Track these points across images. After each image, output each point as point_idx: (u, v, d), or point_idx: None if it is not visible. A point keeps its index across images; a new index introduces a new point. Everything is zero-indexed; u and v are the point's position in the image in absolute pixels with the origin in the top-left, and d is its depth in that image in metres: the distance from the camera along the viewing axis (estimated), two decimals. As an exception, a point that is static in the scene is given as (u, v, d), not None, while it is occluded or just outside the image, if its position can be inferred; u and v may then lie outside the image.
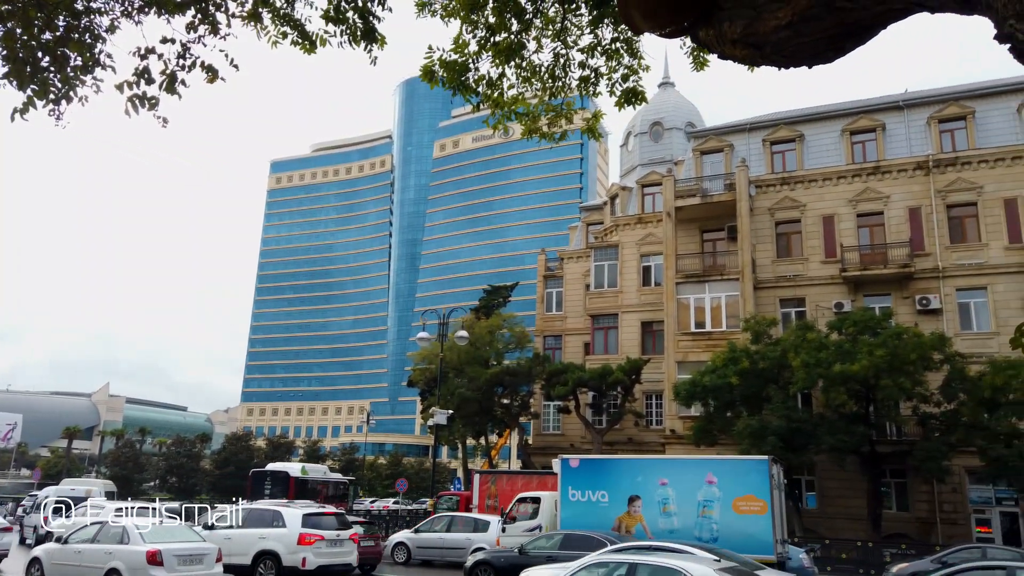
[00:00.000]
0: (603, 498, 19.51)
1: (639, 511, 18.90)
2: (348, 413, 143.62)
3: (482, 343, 42.96)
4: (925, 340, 23.76)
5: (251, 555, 17.18)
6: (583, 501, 19.76)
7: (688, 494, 18.42)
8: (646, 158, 42.64)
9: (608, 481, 19.72)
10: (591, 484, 19.88)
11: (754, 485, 17.74)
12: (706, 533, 17.70)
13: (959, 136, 31.11)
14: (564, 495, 20.22)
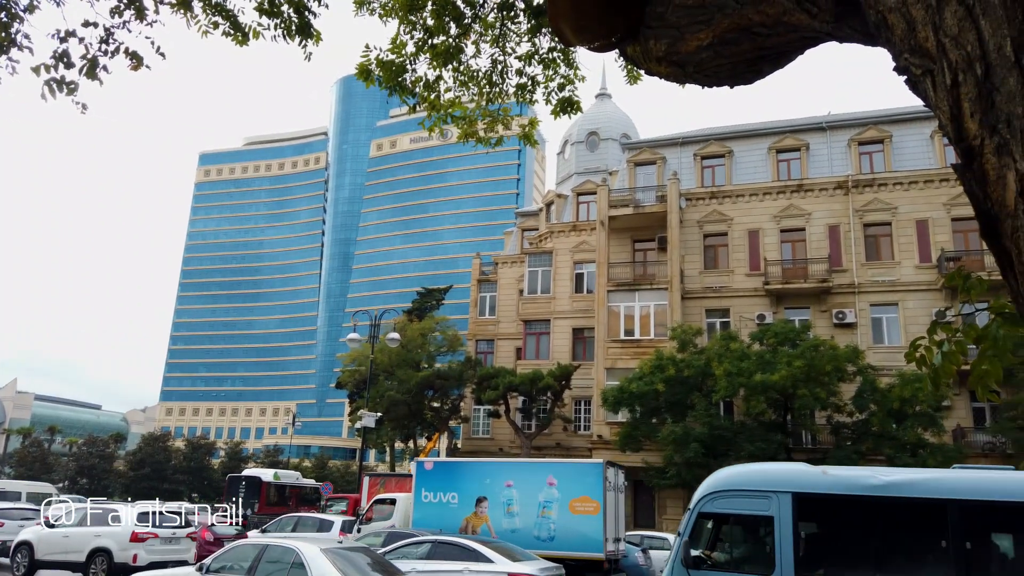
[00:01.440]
0: (453, 499, 20.06)
1: (485, 512, 19.55)
2: (273, 414, 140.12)
3: (414, 346, 42.64)
4: (840, 352, 24.84)
5: (86, 552, 17.67)
6: (435, 502, 20.31)
7: (531, 495, 19.08)
8: (582, 167, 43.22)
9: (459, 483, 20.31)
10: (443, 486, 20.46)
11: (589, 487, 18.44)
12: (544, 532, 18.44)
13: (877, 158, 32.71)
14: (418, 497, 20.78)
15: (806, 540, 8.63)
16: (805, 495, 8.58)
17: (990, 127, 1.07)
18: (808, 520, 8.64)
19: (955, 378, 2.65)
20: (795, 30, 1.66)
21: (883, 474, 8.64)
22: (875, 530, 8.23)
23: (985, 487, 8.09)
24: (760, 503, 8.66)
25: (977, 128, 1.11)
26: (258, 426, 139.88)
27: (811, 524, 8.77)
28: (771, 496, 8.62)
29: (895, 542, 8.25)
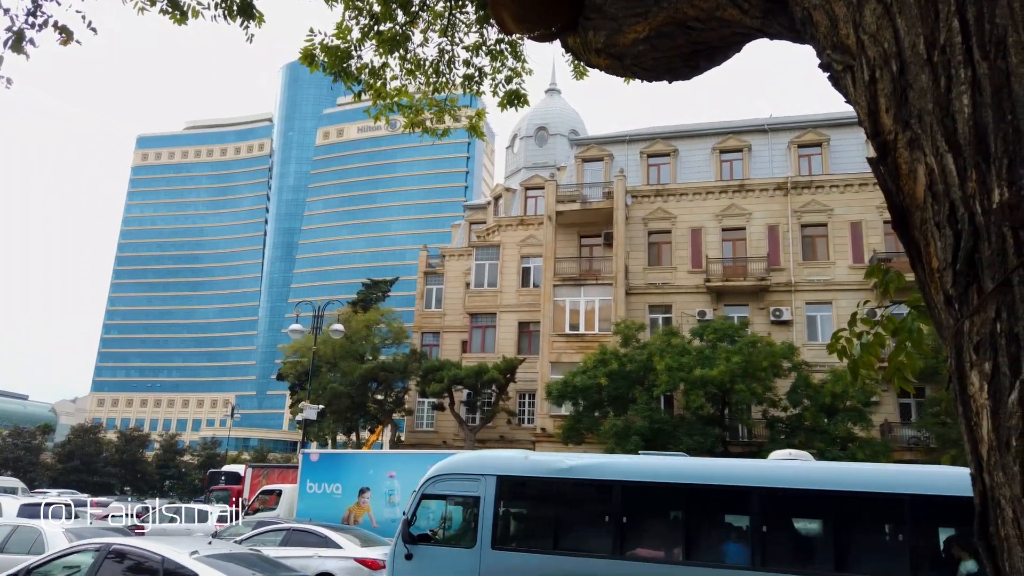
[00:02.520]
0: (337, 490, 20.36)
1: (367, 502, 19.99)
2: (211, 406, 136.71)
3: (358, 338, 42.14)
4: (776, 349, 25.57)
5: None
6: (319, 493, 20.55)
7: (412, 486, 19.58)
8: (531, 161, 43.32)
9: (343, 474, 20.60)
10: (328, 477, 20.71)
11: None
12: None
13: (815, 161, 33.71)
14: (303, 487, 20.97)
15: (505, 517, 9.63)
16: (507, 477, 9.62)
17: (903, 122, 1.11)
18: (509, 499, 9.66)
19: (878, 373, 2.77)
20: (728, 25, 1.69)
21: (569, 459, 9.89)
22: (559, 507, 9.42)
23: (645, 470, 9.59)
24: (471, 485, 9.69)
25: (892, 123, 1.15)
26: (195, 418, 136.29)
27: (511, 503, 9.78)
28: (480, 479, 9.66)
29: (573, 518, 9.45)
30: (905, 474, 9.24)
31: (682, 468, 9.69)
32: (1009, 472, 0.89)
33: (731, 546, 8.83)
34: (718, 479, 9.17)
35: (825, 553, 8.37)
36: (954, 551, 7.98)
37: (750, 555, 8.39)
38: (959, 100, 0.99)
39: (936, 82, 1.03)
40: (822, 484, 8.76)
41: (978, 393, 0.94)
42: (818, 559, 8.41)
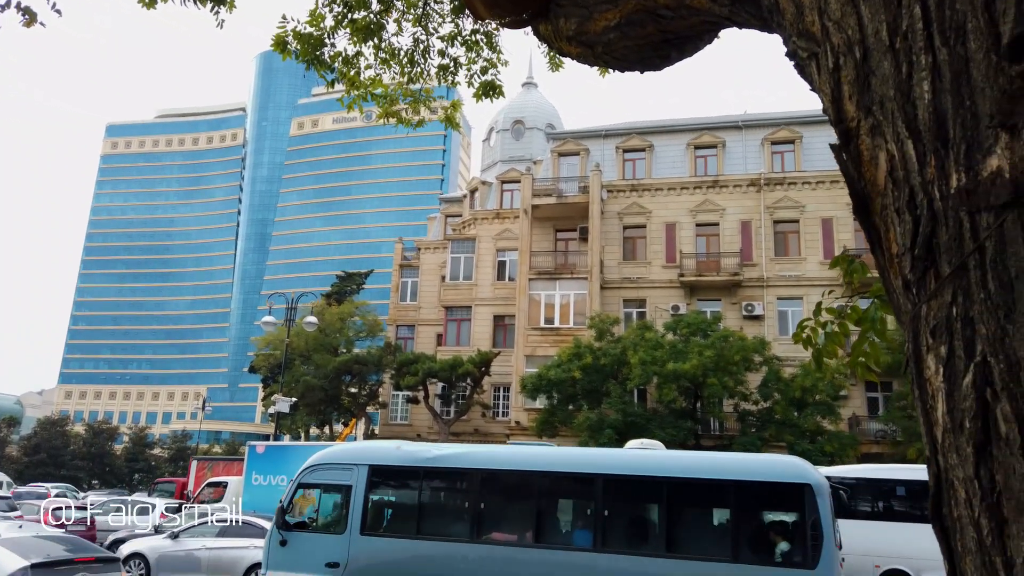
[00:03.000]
0: (283, 482, 20.42)
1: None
2: (182, 399, 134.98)
3: (332, 330, 41.84)
4: (748, 343, 25.86)
5: None
6: (265, 485, 20.69)
7: None
8: (507, 155, 43.27)
9: (289, 466, 20.63)
10: (273, 469, 20.85)
11: None
12: None
13: (788, 158, 34.08)
14: (248, 479, 21.12)
15: (374, 504, 10.07)
16: (378, 467, 10.04)
17: (866, 109, 1.12)
18: (379, 488, 10.13)
19: (844, 364, 2.82)
20: (697, 13, 1.69)
21: (436, 449, 10.42)
22: (424, 494, 9.90)
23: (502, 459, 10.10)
24: (345, 474, 10.08)
25: (855, 110, 1.15)
26: (165, 411, 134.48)
27: (381, 491, 10.24)
28: (352, 468, 10.07)
29: (437, 504, 10.03)
30: (733, 462, 10.04)
31: (534, 457, 10.25)
32: (963, 453, 0.90)
33: (577, 529, 9.37)
34: (566, 467, 9.73)
35: (659, 536, 8.86)
36: (770, 535, 8.65)
37: (593, 538, 8.86)
38: (920, 86, 1.00)
39: (898, 68, 1.04)
40: (658, 471, 9.29)
41: (934, 376, 0.96)
42: (653, 542, 8.90)
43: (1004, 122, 0.86)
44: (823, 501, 8.37)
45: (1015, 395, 0.84)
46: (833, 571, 8.10)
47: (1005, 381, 0.85)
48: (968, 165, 0.92)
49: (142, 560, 14.86)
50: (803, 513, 8.40)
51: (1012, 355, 0.85)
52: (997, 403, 0.86)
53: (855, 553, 17.51)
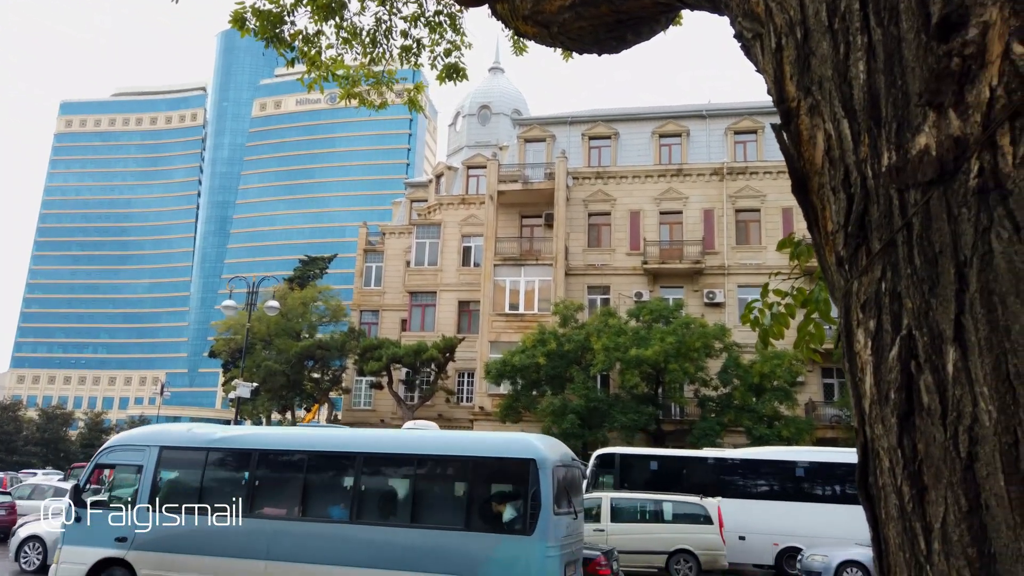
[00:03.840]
0: None
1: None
2: (140, 384, 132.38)
3: (294, 315, 41.35)
4: (709, 330, 26.24)
5: None
6: None
7: None
8: (473, 140, 43.05)
9: None
10: None
11: None
12: None
13: (750, 148, 34.50)
14: None
15: (161, 482, 10.83)
16: (168, 447, 10.81)
17: (805, 89, 1.13)
18: (168, 467, 10.88)
19: (806, 352, 2.89)
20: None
21: (222, 431, 11.29)
22: (208, 473, 10.67)
23: (275, 440, 11.12)
24: (138, 455, 10.83)
25: (795, 90, 1.17)
26: (122, 396, 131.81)
27: (169, 470, 11.01)
28: (145, 449, 10.83)
29: (218, 482, 10.74)
30: (472, 440, 11.45)
31: (302, 438, 11.27)
32: (887, 424, 0.92)
33: (337, 503, 10.16)
34: (328, 447, 10.62)
35: (406, 508, 9.72)
36: (499, 505, 9.57)
37: (348, 511, 9.73)
38: (856, 66, 1.02)
39: (836, 49, 1.05)
40: (407, 449, 10.28)
41: (863, 350, 0.98)
42: (400, 513, 9.74)
43: (932, 101, 0.88)
44: (545, 475, 9.13)
45: (937, 367, 0.87)
46: (547, 536, 8.89)
47: (928, 353, 0.88)
48: (899, 144, 0.94)
49: (39, 542, 14.88)
50: (527, 485, 9.17)
51: (935, 328, 0.87)
52: (920, 375, 0.89)
53: (756, 532, 18.36)
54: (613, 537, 17.17)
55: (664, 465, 21.04)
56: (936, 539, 0.85)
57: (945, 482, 0.84)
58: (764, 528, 18.44)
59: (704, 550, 17.08)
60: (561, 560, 9.08)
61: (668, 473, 20.64)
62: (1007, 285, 0.80)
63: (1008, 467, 0.78)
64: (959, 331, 0.84)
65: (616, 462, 20.96)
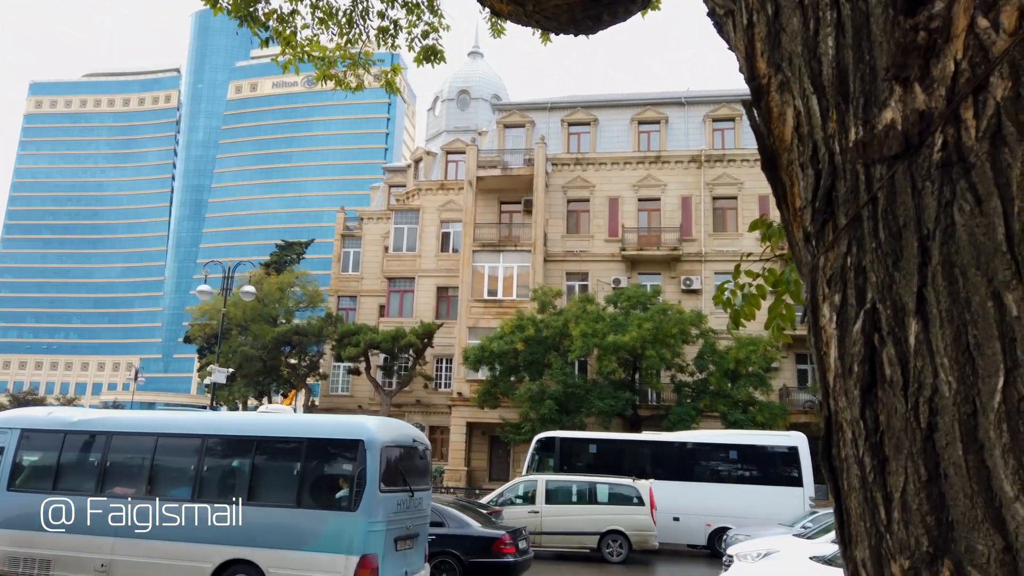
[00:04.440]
0: None
1: None
2: (113, 369, 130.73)
3: (271, 300, 41.06)
4: (685, 316, 26.46)
5: None
6: None
7: None
8: (452, 125, 42.82)
9: None
10: None
11: None
12: None
13: (728, 135, 34.67)
14: None
15: (22, 464, 11.23)
16: (28, 430, 11.32)
17: (776, 65, 1.13)
18: (28, 449, 11.34)
19: (780, 336, 2.92)
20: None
21: (80, 414, 11.92)
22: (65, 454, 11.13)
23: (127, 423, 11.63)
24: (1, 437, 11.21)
25: (765, 67, 1.17)
26: (95, 381, 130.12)
27: (29, 452, 11.46)
28: (7, 431, 11.21)
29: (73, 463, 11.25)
30: (308, 422, 12.27)
31: (153, 421, 11.95)
32: (850, 396, 0.93)
33: (181, 482, 10.70)
34: (175, 429, 11.13)
35: (243, 487, 10.23)
36: (329, 484, 10.32)
37: (191, 490, 10.27)
38: (824, 42, 1.02)
39: (806, 24, 1.05)
40: (248, 431, 10.85)
41: (828, 324, 0.99)
42: (239, 492, 10.21)
43: (898, 75, 0.89)
44: (372, 455, 9.69)
45: (900, 339, 0.88)
46: (371, 512, 9.52)
47: (891, 326, 0.89)
48: (866, 119, 0.94)
49: None
50: (355, 464, 9.81)
51: (898, 301, 0.88)
52: (883, 347, 0.90)
53: (690, 513, 18.90)
54: (547, 518, 17.63)
55: (603, 448, 21.74)
56: (896, 508, 0.86)
57: (905, 452, 0.86)
58: (698, 509, 18.93)
59: (635, 531, 17.41)
60: (388, 534, 9.74)
61: (607, 456, 21.33)
62: (968, 257, 0.81)
63: (966, 437, 0.79)
64: (921, 304, 0.85)
65: (556, 446, 21.58)
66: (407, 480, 10.40)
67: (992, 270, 0.78)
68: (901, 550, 0.84)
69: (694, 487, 19.31)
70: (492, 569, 12.43)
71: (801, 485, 19.10)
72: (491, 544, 12.39)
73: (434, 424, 36.05)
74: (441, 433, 35.65)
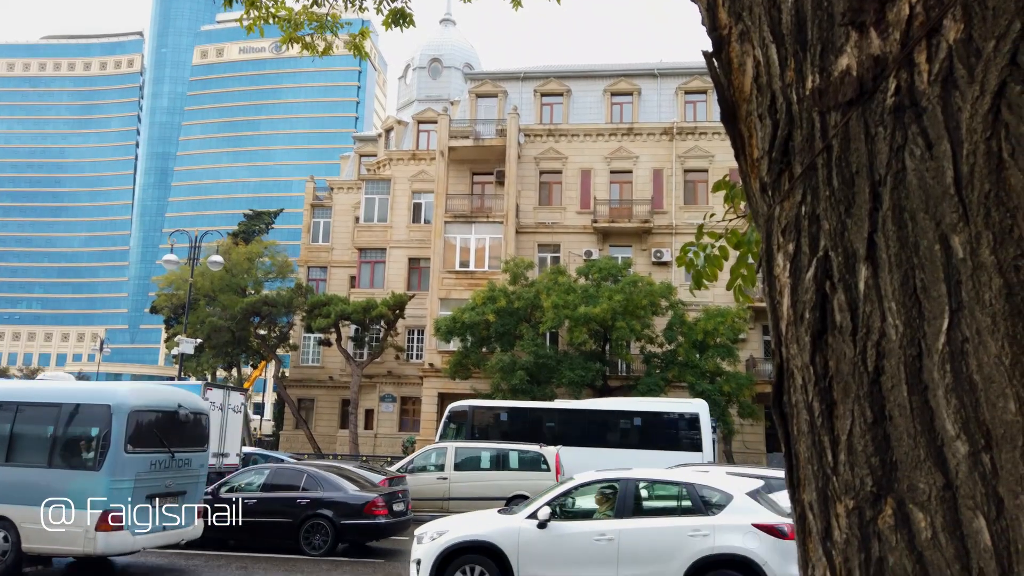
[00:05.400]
0: None
1: None
2: (78, 340, 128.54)
3: (239, 270, 40.47)
4: (655, 288, 26.67)
5: None
6: None
7: None
8: (423, 94, 42.27)
9: None
10: None
11: None
12: None
13: (701, 108, 34.70)
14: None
15: None
16: None
17: (736, 15, 1.12)
18: None
19: (741, 298, 2.96)
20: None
21: None
22: None
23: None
24: None
25: (727, 17, 1.16)
26: (60, 352, 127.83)
27: None
28: None
29: None
30: (62, 389, 12.87)
31: None
32: (801, 343, 0.94)
33: None
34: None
35: (3, 448, 11.00)
36: (78, 445, 11.03)
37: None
38: (784, -11, 1.01)
39: (766, -27, 1.04)
40: (10, 397, 11.58)
41: (781, 273, 0.99)
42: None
43: (854, 20, 0.88)
44: (118, 418, 10.58)
45: (850, 286, 0.89)
46: (115, 472, 10.38)
47: (842, 272, 0.90)
48: (822, 66, 0.94)
49: None
50: (102, 427, 10.68)
51: (849, 247, 0.89)
52: (834, 294, 0.90)
53: None
54: (455, 484, 18.07)
55: (515, 417, 22.47)
56: (842, 451, 0.87)
57: (853, 396, 0.87)
58: None
59: None
60: (136, 492, 10.62)
61: (519, 424, 21.99)
62: (918, 202, 0.82)
63: (911, 378, 0.81)
64: (871, 249, 0.86)
65: (469, 415, 22.22)
66: (167, 442, 11.27)
67: (940, 213, 0.79)
68: (846, 491, 0.86)
69: (602, 453, 19.70)
70: (363, 530, 13.19)
71: (701, 450, 20.06)
72: (363, 507, 13.07)
73: (405, 395, 36.11)
74: (413, 404, 35.74)
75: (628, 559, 8.47)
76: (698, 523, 8.52)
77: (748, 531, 8.30)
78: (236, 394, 22.45)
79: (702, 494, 8.86)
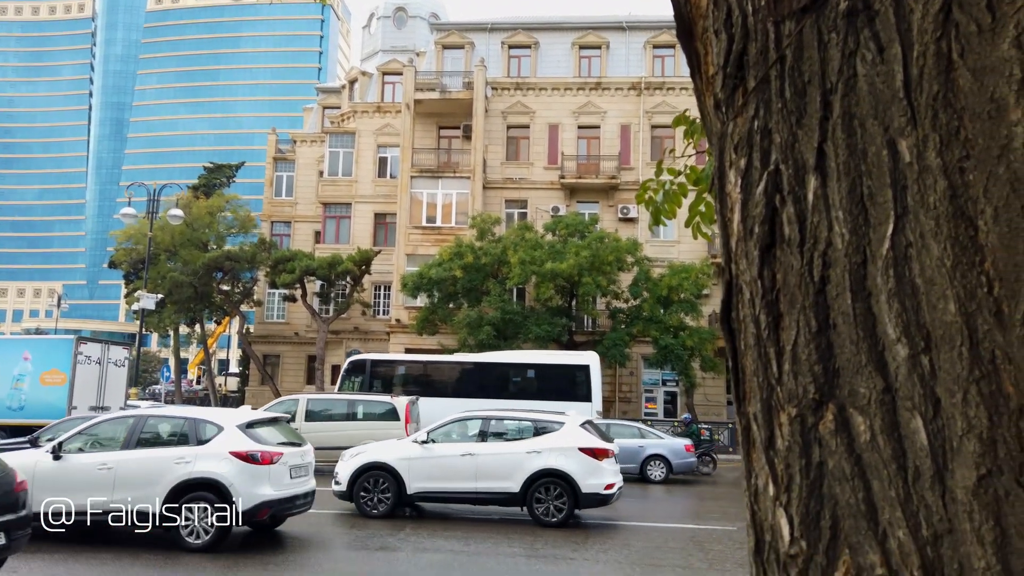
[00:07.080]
0: None
1: None
2: (34, 296, 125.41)
3: (200, 224, 39.63)
4: (622, 244, 26.82)
5: None
6: None
7: (6, 370, 20.53)
8: (388, 44, 41.32)
9: None
10: None
11: (59, 361, 20.53)
12: (16, 403, 20.28)
13: (669, 62, 34.48)
14: None
15: None
16: None
17: (693, -73, 1.09)
18: None
19: (700, 235, 2.95)
20: None
21: None
22: None
23: None
24: None
25: (684, -68, 1.12)
26: (16, 308, 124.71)
27: None
28: None
29: None
30: None
31: None
32: (750, 257, 0.94)
33: None
34: None
35: None
36: None
37: None
38: None
39: None
40: None
41: (733, 189, 0.99)
42: None
43: (809, -77, 0.86)
44: None
45: (799, 197, 0.88)
46: None
47: (792, 185, 0.89)
48: (779, -25, 0.92)
49: None
50: None
51: (800, 159, 0.88)
52: (784, 207, 0.90)
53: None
54: (306, 435, 18.29)
55: (410, 369, 23.18)
56: (787, 361, 0.88)
57: (798, 307, 0.87)
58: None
59: None
60: None
61: (416, 377, 22.63)
62: (867, 108, 0.81)
63: (855, 285, 0.81)
64: (821, 159, 0.85)
65: (366, 367, 22.68)
66: None
67: (889, 118, 0.78)
68: (789, 399, 0.87)
69: (499, 404, 20.00)
70: None
71: (591, 400, 20.90)
72: None
73: (372, 351, 36.05)
74: (379, 359, 35.71)
75: (121, 485, 9.43)
76: (184, 452, 9.55)
77: (223, 458, 9.41)
78: (118, 348, 22.44)
79: (198, 428, 9.83)
